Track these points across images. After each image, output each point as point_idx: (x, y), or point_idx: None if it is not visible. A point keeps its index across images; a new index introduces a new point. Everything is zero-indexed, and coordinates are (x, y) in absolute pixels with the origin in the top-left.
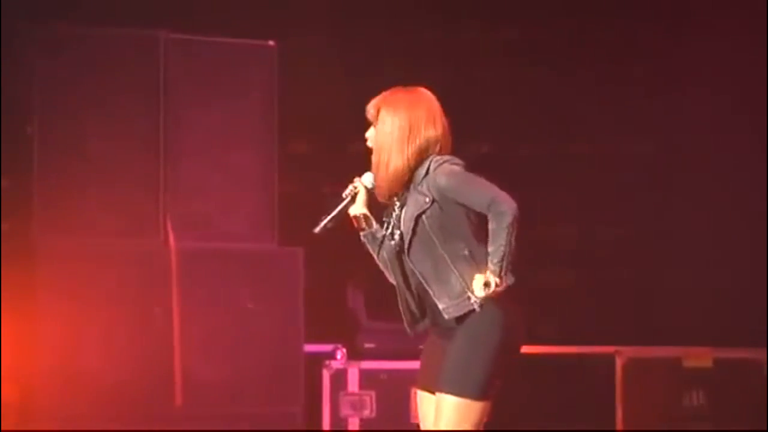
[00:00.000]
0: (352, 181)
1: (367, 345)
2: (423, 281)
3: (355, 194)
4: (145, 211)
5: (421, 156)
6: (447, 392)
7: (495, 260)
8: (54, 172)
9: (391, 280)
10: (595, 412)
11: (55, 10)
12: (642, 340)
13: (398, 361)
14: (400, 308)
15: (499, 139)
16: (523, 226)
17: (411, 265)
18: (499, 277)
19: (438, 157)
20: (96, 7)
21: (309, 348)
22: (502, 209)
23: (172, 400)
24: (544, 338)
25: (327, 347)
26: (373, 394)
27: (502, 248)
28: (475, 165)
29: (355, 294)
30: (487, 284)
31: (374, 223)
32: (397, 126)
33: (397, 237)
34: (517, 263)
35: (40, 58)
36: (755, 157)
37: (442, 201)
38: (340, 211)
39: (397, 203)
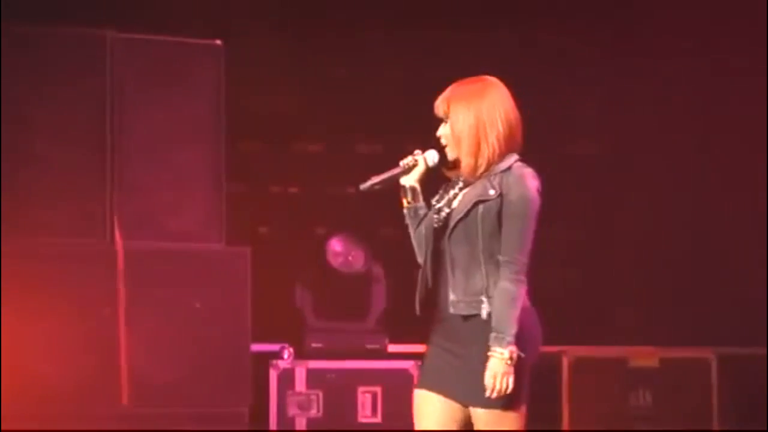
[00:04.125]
0: (412, 153)
1: (314, 345)
2: (450, 265)
3: (413, 166)
4: (91, 210)
5: (506, 143)
6: (489, 407)
7: (512, 331)
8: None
9: (420, 258)
10: (541, 412)
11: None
12: (588, 339)
13: (345, 360)
14: (418, 286)
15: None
16: None
17: (448, 245)
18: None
19: (523, 165)
20: (41, 6)
21: (256, 347)
22: (521, 277)
23: (119, 399)
24: None
25: (274, 347)
26: (320, 393)
27: (515, 316)
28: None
29: (302, 294)
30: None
31: (421, 198)
32: (475, 115)
33: (443, 214)
34: None
35: None
36: (701, 157)
37: (503, 203)
38: (391, 177)
39: (460, 183)
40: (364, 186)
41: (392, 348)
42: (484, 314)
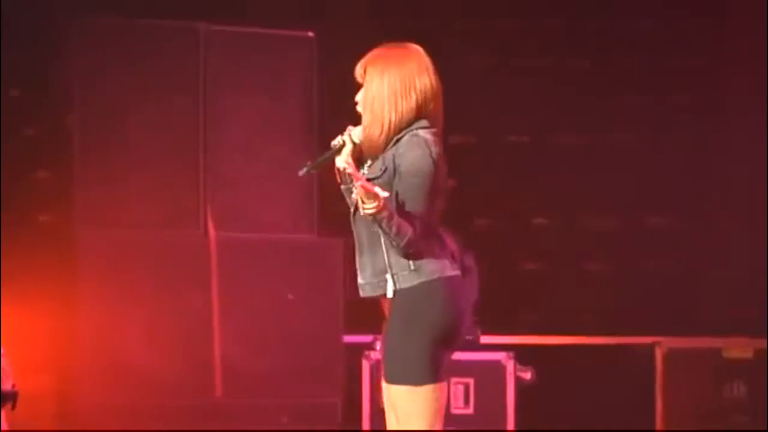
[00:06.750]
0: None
1: None
2: (358, 248)
3: (342, 146)
4: (185, 202)
5: (415, 114)
6: (392, 383)
7: (395, 228)
8: (94, 163)
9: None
10: (634, 403)
11: (96, 3)
12: (682, 330)
13: None
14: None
15: (536, 129)
16: (562, 216)
17: (355, 228)
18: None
19: (418, 132)
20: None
21: (349, 338)
22: (411, 250)
23: (213, 390)
24: (583, 329)
25: (367, 338)
26: None
27: (397, 236)
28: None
29: None
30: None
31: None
32: (387, 83)
33: (353, 196)
34: (558, 253)
35: (80, 50)
36: None
37: (396, 176)
38: (325, 159)
39: (369, 161)
40: (302, 171)
41: (485, 339)
42: (389, 293)
